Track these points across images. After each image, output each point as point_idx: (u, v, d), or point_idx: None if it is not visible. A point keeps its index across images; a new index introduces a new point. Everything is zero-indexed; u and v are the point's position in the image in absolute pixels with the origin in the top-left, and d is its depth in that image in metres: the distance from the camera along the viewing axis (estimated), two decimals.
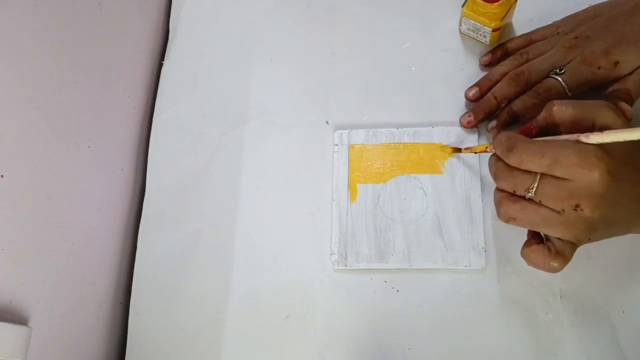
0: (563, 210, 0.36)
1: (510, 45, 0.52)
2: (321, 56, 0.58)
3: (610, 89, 0.46)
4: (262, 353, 0.49)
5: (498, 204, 0.40)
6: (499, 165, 0.39)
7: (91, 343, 0.51)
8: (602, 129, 0.36)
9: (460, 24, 0.55)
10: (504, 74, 0.50)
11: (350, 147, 0.53)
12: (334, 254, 0.50)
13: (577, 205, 0.35)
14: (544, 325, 0.45)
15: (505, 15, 0.51)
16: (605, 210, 0.35)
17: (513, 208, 0.38)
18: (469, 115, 0.51)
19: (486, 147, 0.45)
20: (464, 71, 0.55)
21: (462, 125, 0.51)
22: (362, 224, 0.50)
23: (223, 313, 0.51)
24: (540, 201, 0.37)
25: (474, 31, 0.54)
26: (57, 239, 0.45)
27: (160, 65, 0.61)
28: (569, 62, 0.46)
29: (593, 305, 0.41)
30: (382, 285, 0.49)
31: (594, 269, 0.46)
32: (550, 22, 0.55)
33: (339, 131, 0.54)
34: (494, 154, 0.41)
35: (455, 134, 0.51)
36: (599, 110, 0.37)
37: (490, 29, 0.52)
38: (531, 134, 0.41)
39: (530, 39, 0.51)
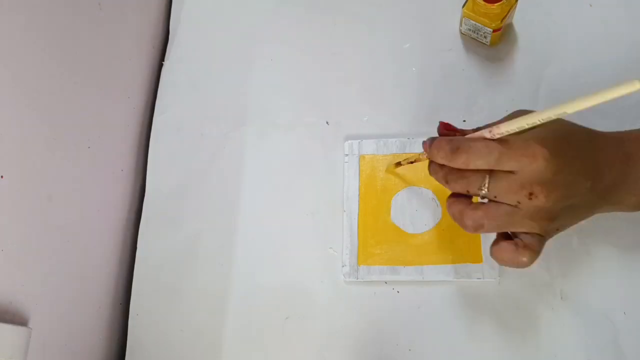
0: (519, 202, 0.35)
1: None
2: (321, 56, 0.58)
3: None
4: (262, 354, 0.49)
5: (460, 215, 0.39)
6: (446, 169, 0.39)
7: (91, 344, 0.51)
8: None
9: (460, 25, 0.55)
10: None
11: (361, 157, 0.53)
12: (345, 266, 0.49)
13: (530, 194, 0.35)
14: (544, 325, 0.45)
15: (506, 15, 0.51)
16: (560, 193, 0.35)
17: (478, 215, 0.37)
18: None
19: (419, 155, 0.43)
20: (465, 72, 0.55)
21: None
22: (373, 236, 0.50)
23: (223, 313, 0.51)
24: (495, 197, 0.37)
25: (474, 32, 0.54)
26: (57, 240, 0.45)
27: (160, 66, 0.61)
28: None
29: (594, 307, 0.41)
30: (382, 286, 0.49)
31: (595, 269, 0.46)
32: (550, 22, 0.55)
33: (349, 141, 0.53)
34: (433, 163, 0.40)
35: None
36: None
37: (491, 30, 0.52)
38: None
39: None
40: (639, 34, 0.53)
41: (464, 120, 0.53)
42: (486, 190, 0.36)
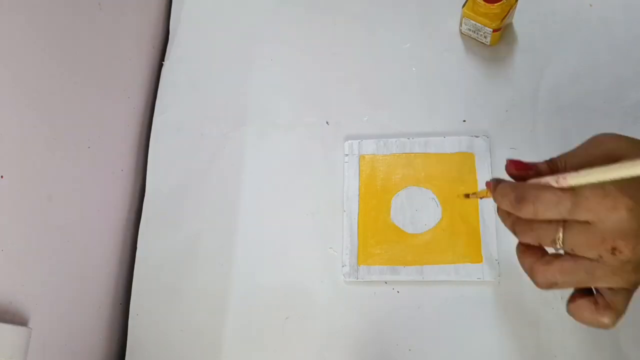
0: (600, 256, 0.31)
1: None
2: (321, 56, 0.58)
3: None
4: (262, 354, 0.49)
5: (530, 271, 0.34)
6: (513, 217, 0.34)
7: (91, 343, 0.51)
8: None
9: (460, 25, 0.55)
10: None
11: (361, 157, 0.53)
12: (345, 266, 0.49)
13: (613, 249, 0.30)
14: (544, 326, 0.45)
15: (506, 15, 0.51)
16: None
17: (550, 272, 0.33)
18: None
19: (486, 192, 0.39)
20: (465, 71, 0.55)
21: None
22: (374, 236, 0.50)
23: (223, 313, 0.51)
24: (572, 250, 0.32)
25: (474, 32, 0.54)
26: (57, 240, 0.45)
27: (160, 66, 0.61)
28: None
29: None
30: (382, 286, 0.49)
31: None
32: (550, 22, 0.55)
33: (349, 141, 0.53)
34: (500, 208, 0.35)
35: (466, 144, 0.51)
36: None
37: (491, 30, 0.52)
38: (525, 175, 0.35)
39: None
40: (639, 34, 0.53)
41: (464, 120, 0.53)
42: (560, 243, 0.32)
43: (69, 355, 0.47)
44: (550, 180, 0.32)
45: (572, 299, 0.35)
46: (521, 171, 0.35)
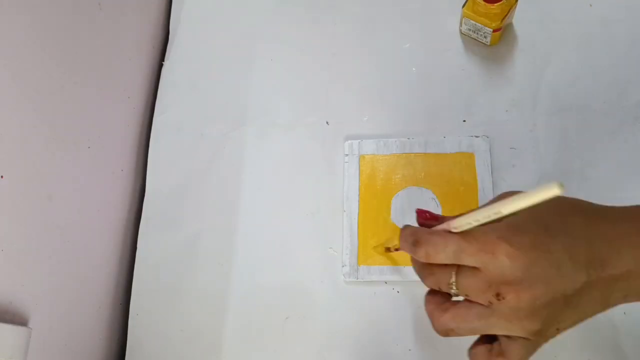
0: (490, 302, 0.31)
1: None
2: (321, 56, 0.58)
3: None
4: (262, 354, 0.49)
5: (430, 317, 0.35)
6: (419, 263, 0.35)
7: (91, 344, 0.51)
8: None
9: (460, 25, 0.55)
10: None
11: (361, 157, 0.53)
12: (345, 266, 0.49)
13: (497, 295, 0.30)
14: None
15: (506, 15, 0.51)
16: (538, 292, 0.30)
17: (445, 318, 0.33)
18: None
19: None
20: (465, 71, 0.55)
21: None
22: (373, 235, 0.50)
23: (223, 313, 0.51)
24: (466, 295, 0.32)
25: (474, 32, 0.54)
26: (57, 239, 0.45)
27: (160, 66, 0.61)
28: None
29: None
30: (382, 286, 0.49)
31: None
32: (550, 22, 0.55)
33: (349, 141, 0.53)
34: None
35: (466, 144, 0.51)
36: None
37: (491, 30, 0.52)
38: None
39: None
40: (639, 34, 0.53)
41: (464, 120, 0.53)
42: (454, 288, 0.32)
43: (69, 355, 0.47)
44: (444, 225, 0.34)
45: (473, 345, 0.35)
46: (427, 220, 0.37)
